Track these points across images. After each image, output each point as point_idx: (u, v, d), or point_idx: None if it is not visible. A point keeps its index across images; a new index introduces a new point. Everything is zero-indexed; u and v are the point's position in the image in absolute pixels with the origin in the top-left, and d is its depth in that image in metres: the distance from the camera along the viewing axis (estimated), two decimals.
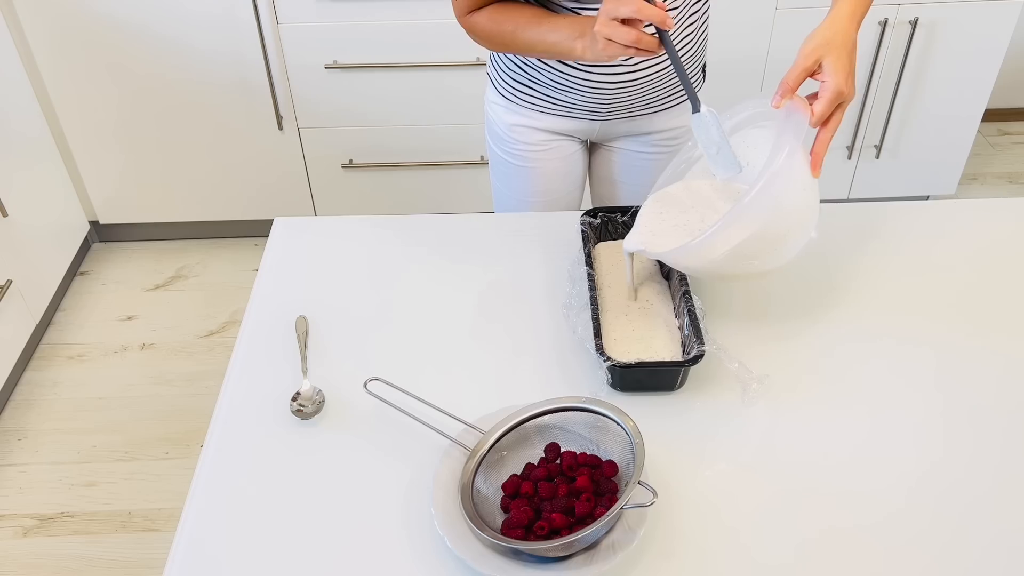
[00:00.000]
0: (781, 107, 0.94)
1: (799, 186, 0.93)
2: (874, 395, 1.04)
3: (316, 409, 1.02)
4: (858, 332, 1.12)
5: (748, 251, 0.95)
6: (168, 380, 2.07)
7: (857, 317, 1.14)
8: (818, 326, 1.13)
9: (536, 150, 1.36)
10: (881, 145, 2.35)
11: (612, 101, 1.28)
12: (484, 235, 1.30)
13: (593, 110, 1.30)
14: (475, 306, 1.17)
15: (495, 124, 1.38)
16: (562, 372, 1.07)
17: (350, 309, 1.16)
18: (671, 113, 1.34)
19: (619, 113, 1.31)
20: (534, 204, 1.41)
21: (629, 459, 0.90)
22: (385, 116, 2.22)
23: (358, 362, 1.08)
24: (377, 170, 2.32)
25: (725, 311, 1.15)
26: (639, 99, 1.29)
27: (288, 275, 1.23)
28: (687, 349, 1.04)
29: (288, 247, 1.28)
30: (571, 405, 0.94)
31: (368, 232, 1.31)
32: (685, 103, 1.33)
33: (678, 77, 0.97)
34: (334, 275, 1.23)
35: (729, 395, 1.04)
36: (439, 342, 1.11)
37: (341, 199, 2.37)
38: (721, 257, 0.95)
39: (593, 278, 1.12)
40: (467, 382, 1.05)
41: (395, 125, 2.24)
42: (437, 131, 2.25)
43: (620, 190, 1.44)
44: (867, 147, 2.37)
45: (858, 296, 1.16)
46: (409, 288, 1.20)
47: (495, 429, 0.94)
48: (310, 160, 2.30)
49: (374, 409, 1.01)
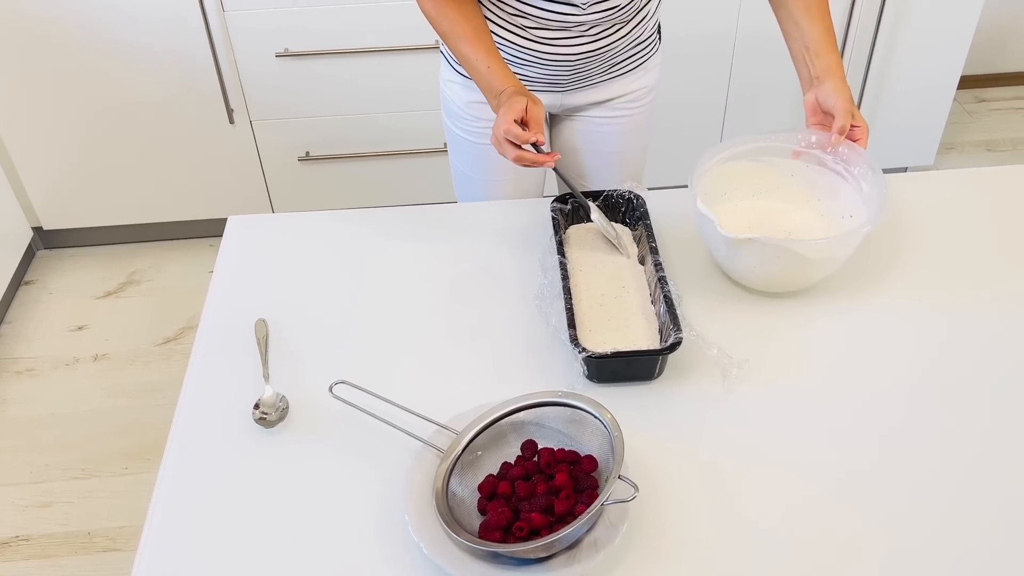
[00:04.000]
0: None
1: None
2: (860, 373, 1.05)
3: (280, 416, 1.01)
4: (839, 309, 1.13)
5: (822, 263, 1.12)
6: (124, 392, 2.04)
7: (836, 294, 1.15)
8: (798, 306, 1.14)
9: None
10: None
11: (574, 71, 1.29)
12: (450, 226, 1.29)
13: (554, 82, 1.31)
14: (444, 301, 1.17)
15: (452, 103, 1.38)
16: (537, 366, 1.07)
17: (312, 309, 1.16)
18: (632, 76, 1.35)
19: (581, 82, 1.32)
20: (497, 184, 1.42)
21: (609, 453, 0.90)
22: (341, 105, 2.21)
23: (322, 365, 1.08)
24: (335, 162, 2.30)
25: (702, 295, 1.16)
26: (600, 66, 1.30)
27: (245, 276, 1.22)
28: (664, 336, 1.04)
29: (244, 246, 1.27)
30: (547, 400, 0.95)
31: (328, 227, 1.30)
32: (646, 63, 1.36)
33: (574, 194, 1.18)
34: (293, 274, 1.22)
35: (710, 382, 1.04)
36: (407, 340, 1.11)
37: (298, 194, 2.35)
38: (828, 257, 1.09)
39: (565, 266, 1.13)
40: (438, 381, 1.05)
41: (352, 114, 2.22)
42: (397, 119, 2.23)
43: (585, 158, 1.44)
44: None
45: (837, 273, 1.17)
46: (373, 285, 1.20)
47: (469, 429, 0.94)
48: (264, 154, 2.28)
49: (341, 414, 1.01)
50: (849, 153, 1.17)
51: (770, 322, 1.12)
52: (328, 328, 1.13)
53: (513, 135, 1.10)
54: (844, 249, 1.11)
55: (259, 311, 1.16)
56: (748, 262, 1.11)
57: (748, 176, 1.23)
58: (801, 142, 1.20)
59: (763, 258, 1.09)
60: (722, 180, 1.21)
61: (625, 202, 1.23)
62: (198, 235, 2.44)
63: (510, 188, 1.43)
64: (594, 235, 1.21)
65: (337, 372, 1.05)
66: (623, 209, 1.23)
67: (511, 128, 1.10)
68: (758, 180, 1.24)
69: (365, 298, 1.18)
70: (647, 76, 1.36)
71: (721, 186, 1.22)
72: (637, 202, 1.22)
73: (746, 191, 1.24)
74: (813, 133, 1.20)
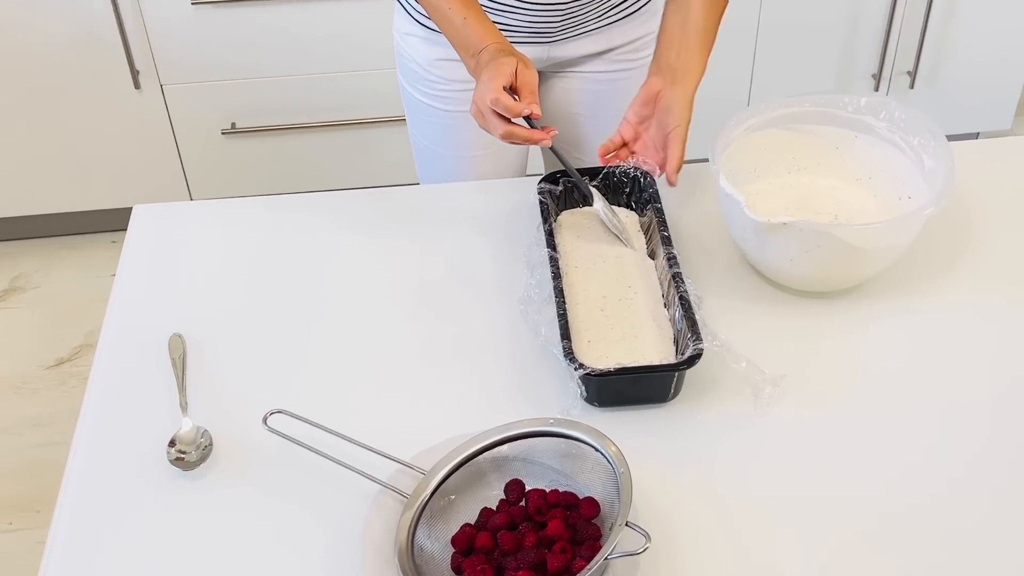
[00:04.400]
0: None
1: None
2: (928, 390, 1.06)
3: (202, 456, 1.01)
4: (897, 310, 1.14)
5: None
6: (7, 426, 2.02)
7: (893, 292, 1.16)
8: (846, 307, 1.14)
9: (468, 90, 1.35)
10: (915, 72, 2.38)
11: (564, 16, 1.29)
12: (413, 214, 1.29)
13: (539, 31, 1.31)
14: (407, 308, 1.17)
15: (410, 61, 1.38)
16: (523, 387, 1.06)
17: (241, 321, 1.15)
18: (636, 21, 1.36)
19: (573, 30, 1.32)
20: (470, 160, 1.43)
21: (613, 495, 0.89)
22: (274, 65, 2.20)
23: (254, 391, 1.07)
24: (268, 136, 2.29)
25: (728, 296, 1.16)
26: (596, 8, 1.30)
27: (156, 280, 1.21)
28: (681, 348, 1.04)
29: (155, 243, 1.26)
30: (536, 430, 0.94)
31: (260, 217, 1.29)
32: (650, 5, 1.37)
33: (572, 176, 1.20)
34: (217, 277, 1.21)
35: (738, 404, 1.04)
36: (361, 358, 1.11)
37: (223, 175, 2.34)
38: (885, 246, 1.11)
39: (557, 263, 1.13)
40: (400, 409, 1.05)
41: (288, 76, 2.21)
42: (344, 81, 2.23)
43: (582, 127, 1.45)
44: (898, 75, 2.40)
45: (895, 266, 1.17)
46: (319, 289, 1.19)
47: (439, 467, 0.94)
48: (179, 127, 2.27)
49: (278, 451, 1.00)
50: (906, 118, 1.18)
51: (812, 328, 1.12)
52: (261, 344, 1.13)
53: (502, 106, 1.10)
54: (903, 236, 1.12)
55: (174, 324, 1.15)
56: (784, 253, 1.12)
57: (783, 148, 1.24)
58: (848, 106, 1.21)
59: (803, 248, 1.10)
60: (751, 153, 1.21)
61: (630, 181, 1.23)
62: (97, 229, 2.43)
63: (486, 165, 1.43)
64: (592, 222, 1.21)
65: (273, 399, 1.04)
66: (627, 190, 1.23)
67: (500, 98, 1.10)
68: (795, 152, 1.24)
69: (308, 306, 1.17)
70: (655, 20, 1.36)
71: (750, 160, 1.22)
72: (645, 181, 1.22)
73: (781, 166, 1.24)
74: (858, 97, 1.20)
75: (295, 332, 1.14)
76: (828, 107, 1.22)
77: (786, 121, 1.23)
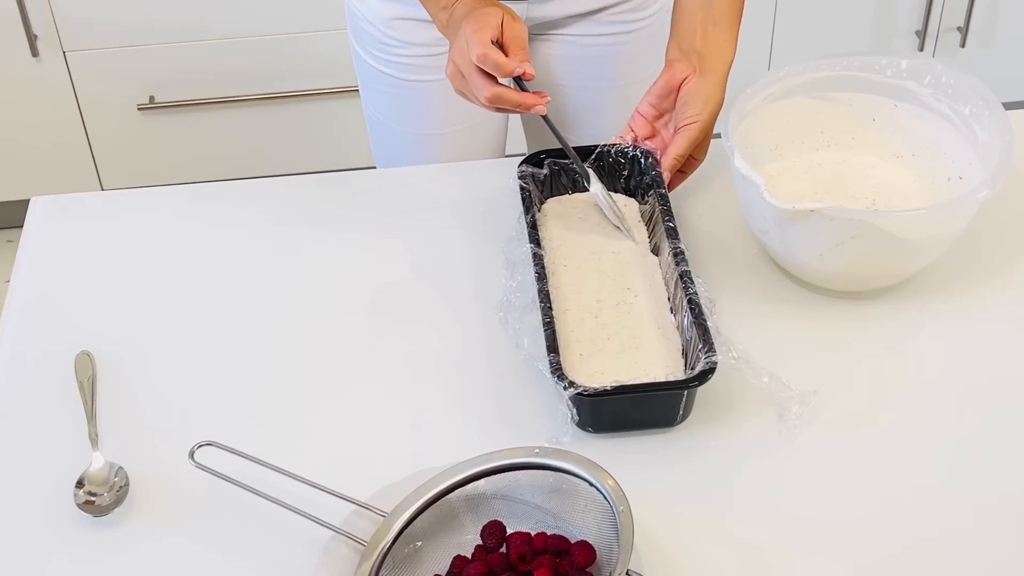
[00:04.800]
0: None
1: None
2: (986, 407, 1.06)
3: (116, 498, 1.00)
4: (948, 313, 1.15)
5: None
6: None
7: (943, 291, 1.16)
8: (888, 308, 1.15)
9: (431, 54, 1.35)
10: (967, 28, 2.40)
11: None
12: (369, 204, 1.29)
13: None
14: (362, 317, 1.16)
15: (363, 19, 1.38)
16: (502, 410, 1.06)
17: (161, 336, 1.15)
18: None
19: None
20: (436, 138, 1.42)
21: (611, 538, 0.89)
22: (200, 26, 2.19)
23: (179, 419, 1.07)
24: (193, 111, 2.29)
25: (745, 298, 1.16)
26: None
27: (60, 287, 1.21)
28: (691, 361, 1.04)
29: (57, 242, 1.26)
30: (518, 461, 0.94)
31: (185, 210, 1.29)
32: None
33: (567, 153, 1.20)
34: (133, 283, 1.20)
35: (758, 427, 1.04)
36: (308, 378, 1.10)
37: (139, 160, 2.34)
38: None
39: (542, 260, 1.12)
40: (356, 438, 1.05)
41: (217, 39, 2.21)
42: (285, 45, 2.22)
43: (568, 101, 1.44)
44: (946, 31, 2.42)
45: (944, 259, 1.18)
46: (256, 296, 1.19)
47: (403, 508, 0.93)
48: (87, 103, 2.26)
49: (209, 491, 0.99)
50: (956, 83, 1.19)
51: (846, 335, 1.13)
52: (187, 364, 1.12)
53: (491, 62, 1.09)
54: (953, 223, 1.12)
55: (82, 341, 1.14)
56: (812, 247, 1.12)
57: (809, 120, 1.24)
58: (886, 69, 1.22)
59: (834, 240, 1.10)
60: (772, 127, 1.22)
61: (629, 162, 1.23)
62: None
63: (455, 144, 1.43)
64: (584, 210, 1.22)
65: (202, 429, 1.03)
66: (626, 172, 1.23)
67: (488, 52, 1.09)
68: (824, 126, 1.24)
69: (244, 317, 1.17)
70: None
71: (770, 135, 1.22)
72: (647, 162, 1.22)
73: (807, 142, 1.25)
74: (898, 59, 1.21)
75: (228, 348, 1.14)
76: (863, 71, 1.23)
77: (813, 88, 1.23)
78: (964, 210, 1.11)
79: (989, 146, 1.15)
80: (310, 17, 2.20)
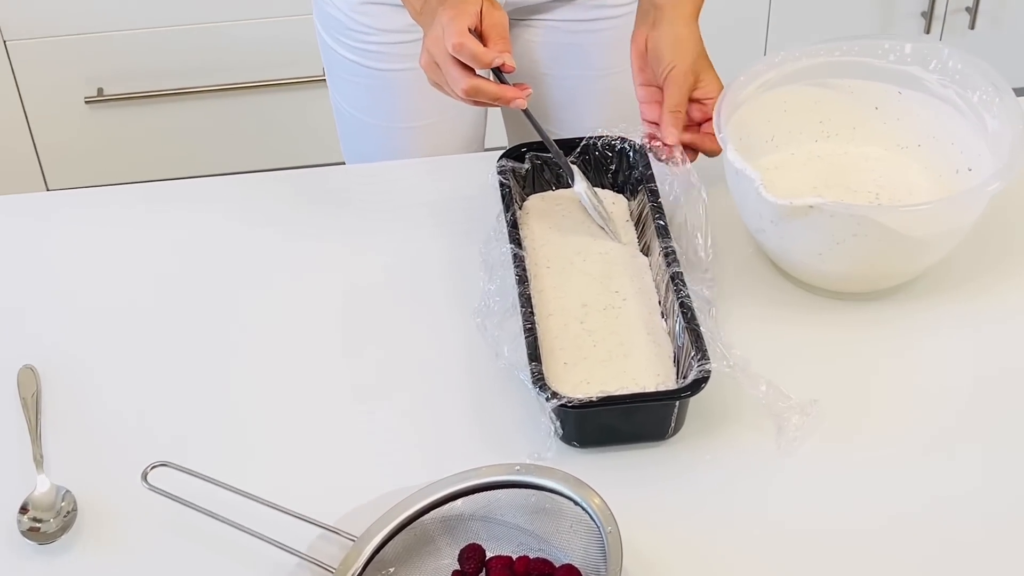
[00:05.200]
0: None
1: None
2: (996, 418, 1.05)
3: (63, 524, 0.99)
4: (959, 314, 1.14)
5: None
6: None
7: (955, 290, 1.16)
8: (893, 310, 1.14)
9: (404, 41, 1.35)
10: (976, 8, 2.41)
11: None
12: (338, 202, 1.28)
13: None
14: (330, 325, 1.16)
15: (329, 5, 1.38)
16: (481, 425, 1.06)
17: (112, 348, 1.14)
18: None
19: None
20: (409, 132, 1.42)
21: (599, 560, 0.89)
22: (153, 12, 2.18)
23: (131, 438, 1.06)
24: (146, 104, 2.28)
25: (742, 301, 1.16)
26: None
27: (0, 296, 1.19)
28: (683, 369, 1.04)
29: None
30: (498, 480, 0.94)
31: (137, 211, 1.29)
32: None
33: (549, 148, 1.20)
34: (81, 291, 1.20)
35: (756, 439, 1.04)
36: (270, 392, 1.10)
37: (87, 157, 2.33)
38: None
39: (523, 261, 1.12)
40: (323, 456, 1.04)
41: (172, 26, 2.20)
42: (247, 32, 2.22)
43: (551, 89, 1.44)
44: (954, 12, 2.43)
45: (954, 256, 1.17)
46: (214, 303, 1.19)
47: (373, 532, 0.93)
48: (30, 96, 2.26)
49: (164, 515, 0.98)
50: (964, 68, 1.18)
51: (849, 341, 1.12)
52: (140, 378, 1.12)
53: (468, 53, 1.09)
54: (962, 218, 1.11)
55: (25, 354, 1.13)
56: (812, 245, 1.11)
57: (808, 109, 1.24)
58: (889, 54, 1.21)
59: (835, 238, 1.09)
60: (768, 116, 1.21)
61: (616, 155, 1.23)
62: None
63: (429, 138, 1.43)
64: (568, 207, 1.21)
65: (156, 449, 1.03)
66: (613, 167, 1.23)
67: (465, 42, 1.09)
68: (824, 115, 1.24)
69: (201, 325, 1.16)
70: None
71: (766, 126, 1.22)
72: (635, 156, 1.22)
73: (806, 133, 1.24)
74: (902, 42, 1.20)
75: (185, 361, 1.13)
76: (864, 56, 1.22)
77: (811, 75, 1.23)
78: (974, 204, 1.10)
79: (1000, 135, 1.14)
80: (273, 1, 2.19)
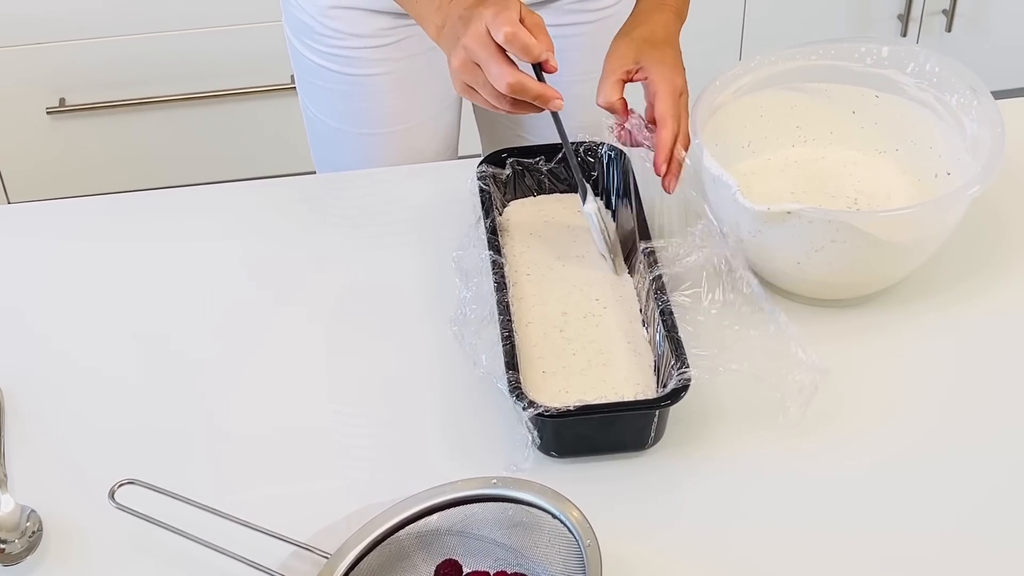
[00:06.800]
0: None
1: None
2: (983, 423, 1.06)
3: (28, 545, 0.99)
4: (941, 320, 1.15)
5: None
6: None
7: (937, 295, 1.17)
8: (874, 316, 1.15)
9: (376, 46, 1.36)
10: (953, 11, 2.42)
11: None
12: (309, 211, 1.29)
13: None
14: (301, 335, 1.16)
15: (298, 9, 1.37)
16: (457, 436, 1.06)
17: (76, 365, 1.14)
18: None
19: None
20: (380, 142, 1.42)
21: (578, 574, 0.89)
22: (117, 19, 2.18)
23: (97, 456, 1.06)
24: (110, 114, 2.27)
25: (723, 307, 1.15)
26: None
27: None
28: (663, 378, 1.04)
29: None
30: (474, 493, 0.94)
31: (101, 223, 1.29)
32: None
33: (569, 162, 1.17)
34: (44, 306, 1.20)
35: (736, 449, 1.04)
36: (240, 406, 1.10)
37: (49, 169, 2.32)
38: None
39: (502, 268, 1.12)
40: (294, 472, 1.04)
41: (137, 34, 2.20)
42: (215, 39, 2.21)
43: None
44: (931, 15, 2.44)
45: (934, 261, 1.18)
46: (181, 316, 1.18)
47: (347, 548, 0.92)
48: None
49: (131, 534, 0.98)
50: (942, 71, 1.19)
51: (828, 348, 1.11)
52: (106, 393, 1.11)
53: (521, 43, 1.06)
54: (942, 223, 1.12)
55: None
56: (790, 252, 1.12)
57: (784, 113, 1.24)
58: (866, 57, 1.22)
59: (813, 244, 1.09)
60: (744, 121, 1.22)
61: (596, 163, 1.23)
62: None
63: (404, 144, 1.43)
64: (550, 213, 1.21)
65: (123, 467, 1.02)
66: (595, 173, 1.23)
67: (519, 32, 1.06)
68: (801, 119, 1.25)
69: (168, 339, 1.16)
70: None
71: (742, 131, 1.22)
72: (615, 162, 1.22)
73: (783, 137, 1.25)
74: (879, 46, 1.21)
75: (152, 375, 1.13)
76: (841, 59, 1.23)
77: (788, 79, 1.23)
78: (953, 208, 1.11)
79: (979, 139, 1.15)
80: (242, 7, 2.19)
